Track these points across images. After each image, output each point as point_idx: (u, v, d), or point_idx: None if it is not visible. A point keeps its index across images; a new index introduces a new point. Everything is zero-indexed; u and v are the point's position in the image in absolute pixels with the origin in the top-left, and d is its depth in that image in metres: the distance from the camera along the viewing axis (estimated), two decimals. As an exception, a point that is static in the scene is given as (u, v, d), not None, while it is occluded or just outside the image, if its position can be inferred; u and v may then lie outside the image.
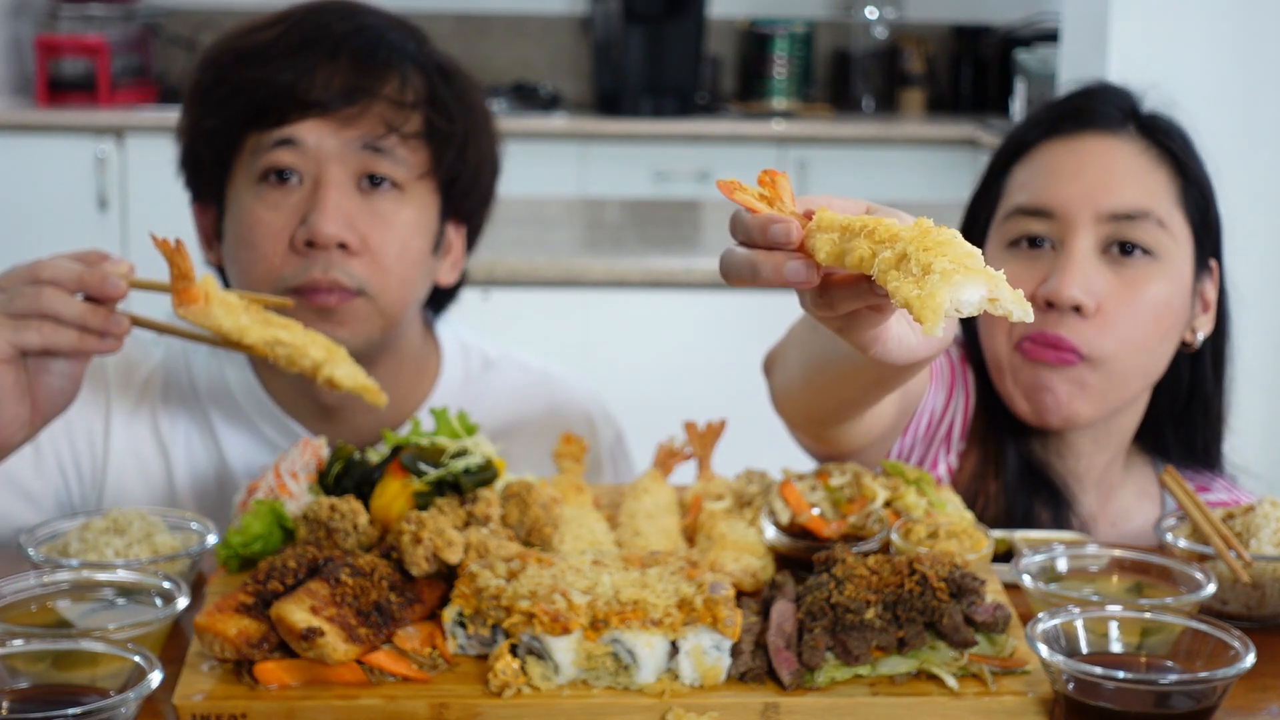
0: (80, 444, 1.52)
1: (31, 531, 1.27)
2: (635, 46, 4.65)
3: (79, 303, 1.20)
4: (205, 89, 1.50)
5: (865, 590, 1.09)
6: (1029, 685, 1.08)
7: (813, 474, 1.33)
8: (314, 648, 1.05)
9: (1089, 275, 1.43)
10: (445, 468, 1.24)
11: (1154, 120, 1.51)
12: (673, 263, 2.76)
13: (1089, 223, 1.45)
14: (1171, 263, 1.47)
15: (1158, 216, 1.45)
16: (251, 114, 1.46)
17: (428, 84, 1.49)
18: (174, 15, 4.98)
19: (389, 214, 1.46)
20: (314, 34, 1.47)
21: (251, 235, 1.46)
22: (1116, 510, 1.57)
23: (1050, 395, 1.45)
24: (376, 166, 1.46)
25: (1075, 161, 1.48)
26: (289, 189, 1.45)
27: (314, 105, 1.44)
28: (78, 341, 1.20)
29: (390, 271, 1.46)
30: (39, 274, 1.20)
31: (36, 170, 4.31)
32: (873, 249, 0.86)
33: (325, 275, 1.43)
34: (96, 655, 1.05)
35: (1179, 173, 1.49)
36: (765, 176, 0.94)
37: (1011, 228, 1.49)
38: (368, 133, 1.45)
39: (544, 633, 1.05)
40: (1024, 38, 4.69)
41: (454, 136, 1.50)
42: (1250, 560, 1.23)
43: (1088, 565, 1.25)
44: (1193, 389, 1.56)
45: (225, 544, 1.23)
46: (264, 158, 1.45)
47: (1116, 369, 1.45)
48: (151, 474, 1.53)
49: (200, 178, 1.53)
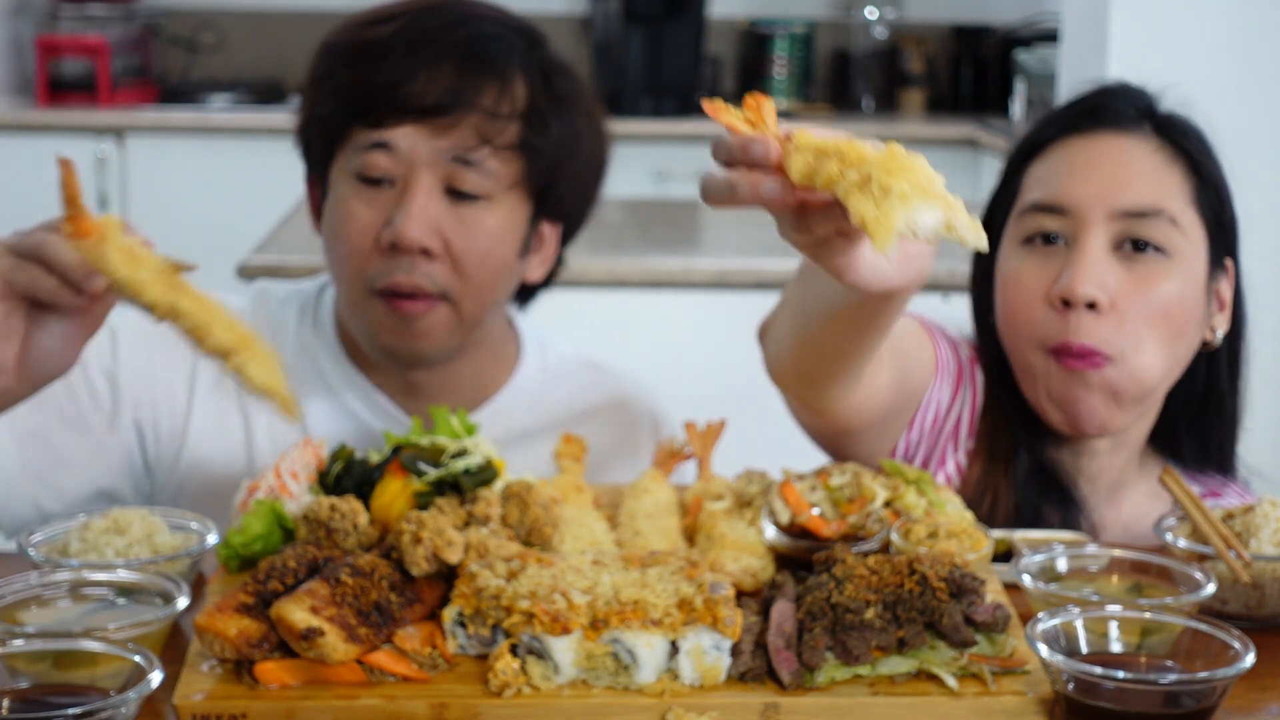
0: (161, 404, 1.54)
1: (32, 531, 1.27)
2: (635, 46, 4.65)
3: (71, 255, 1.16)
4: (319, 77, 1.52)
5: (865, 590, 1.09)
6: (1029, 685, 1.08)
7: (813, 474, 1.33)
8: (314, 647, 1.05)
9: (1101, 271, 1.44)
10: (445, 468, 1.24)
11: (1170, 120, 1.52)
12: (673, 263, 2.76)
13: (1101, 220, 1.45)
14: (1184, 261, 1.47)
15: (1170, 215, 1.46)
16: (355, 110, 1.48)
17: (529, 92, 1.49)
18: (174, 15, 4.98)
19: (474, 222, 1.47)
20: (423, 35, 1.48)
21: (344, 228, 1.49)
22: (1130, 512, 1.57)
23: (1085, 405, 1.46)
24: (464, 180, 1.47)
25: (1089, 158, 1.48)
26: (382, 192, 1.48)
27: (411, 111, 1.45)
28: (55, 290, 1.16)
29: (471, 279, 1.48)
30: (52, 222, 1.19)
31: (36, 170, 4.30)
32: (841, 170, 0.88)
33: (408, 279, 1.46)
34: (96, 655, 1.04)
35: (1193, 172, 1.49)
36: (751, 100, 0.96)
37: (1026, 224, 1.50)
38: (459, 144, 1.46)
39: (544, 633, 1.05)
40: (1024, 38, 4.68)
41: (549, 147, 1.50)
42: (1250, 560, 1.24)
43: (1087, 565, 1.25)
44: (1207, 389, 1.55)
45: (225, 544, 1.23)
46: (361, 158, 1.48)
47: (1141, 370, 1.45)
48: (232, 440, 1.55)
49: (311, 156, 1.56)
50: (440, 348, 1.51)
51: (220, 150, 4.33)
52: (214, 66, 5.01)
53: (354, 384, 1.57)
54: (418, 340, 1.49)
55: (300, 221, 3.09)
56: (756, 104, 0.96)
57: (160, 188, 4.29)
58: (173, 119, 4.38)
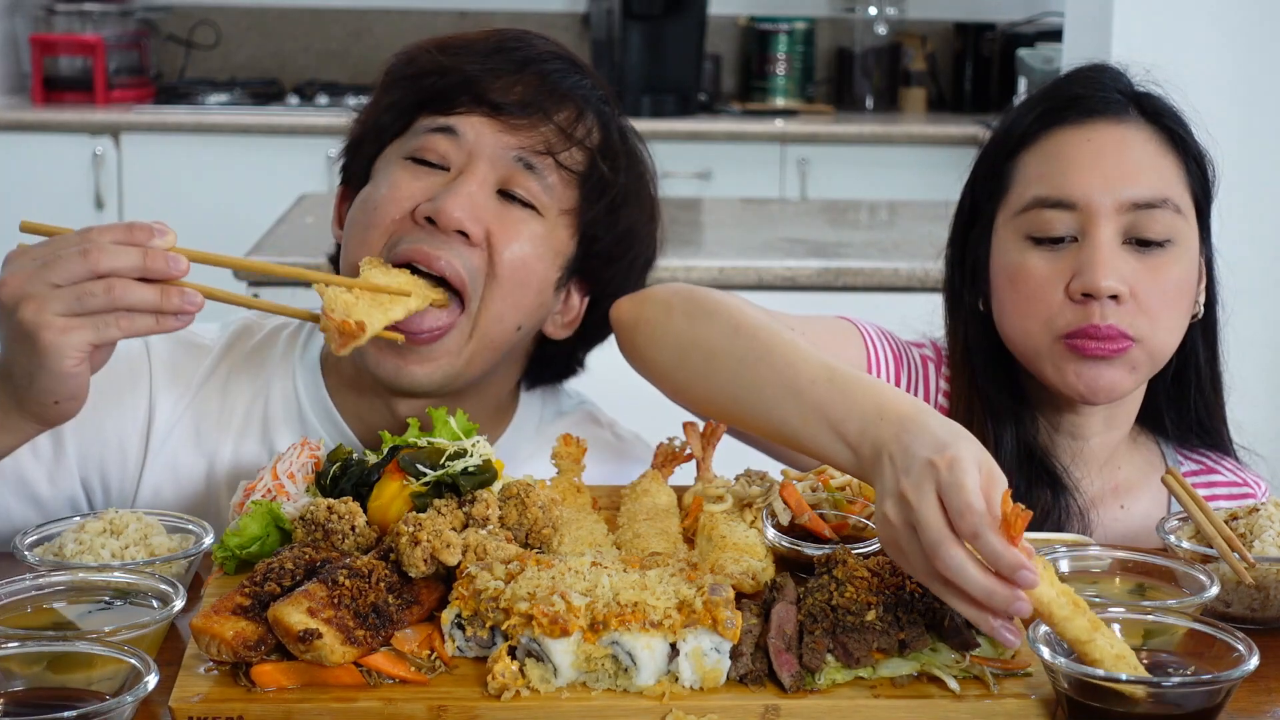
0: (111, 457, 1.47)
1: (27, 533, 1.26)
2: (635, 44, 4.64)
3: (150, 289, 1.19)
4: (395, 73, 1.49)
5: (866, 592, 1.09)
6: (1031, 687, 1.08)
7: (813, 475, 1.33)
8: (311, 650, 1.04)
9: (1118, 264, 1.46)
10: (443, 469, 1.24)
11: (1153, 102, 1.54)
12: (673, 263, 2.75)
13: (1110, 212, 1.46)
14: (1186, 246, 1.50)
15: (1174, 203, 1.48)
16: (427, 97, 1.44)
17: (603, 134, 1.47)
18: (171, 13, 4.97)
19: (519, 223, 1.42)
20: (513, 43, 1.47)
21: (379, 198, 1.42)
22: (1124, 486, 1.59)
23: (1105, 380, 1.48)
24: (522, 182, 1.42)
25: (1091, 150, 1.49)
26: (432, 173, 1.43)
27: (487, 102, 1.42)
28: (156, 325, 1.19)
29: (500, 279, 1.40)
30: (97, 266, 1.17)
31: (33, 169, 4.30)
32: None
33: (435, 249, 1.37)
34: (93, 657, 1.04)
35: (1184, 155, 1.52)
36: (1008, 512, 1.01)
37: (1030, 221, 1.49)
38: (528, 145, 1.42)
39: (543, 635, 1.05)
40: (1026, 36, 4.68)
41: (610, 190, 1.46)
42: (1254, 562, 1.23)
43: (1090, 566, 1.24)
44: (1184, 358, 1.59)
45: (222, 545, 1.22)
46: (422, 139, 1.43)
47: (1157, 348, 1.49)
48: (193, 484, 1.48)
49: (357, 158, 1.50)
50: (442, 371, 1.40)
51: (217, 149, 4.33)
52: (211, 65, 5.01)
53: (339, 433, 1.48)
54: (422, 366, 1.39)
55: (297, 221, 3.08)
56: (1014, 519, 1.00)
57: (157, 187, 4.28)
58: (169, 118, 4.37)
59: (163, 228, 1.20)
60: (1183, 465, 1.62)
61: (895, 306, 2.67)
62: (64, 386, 1.21)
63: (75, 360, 1.19)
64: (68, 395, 1.22)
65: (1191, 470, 1.62)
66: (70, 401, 1.23)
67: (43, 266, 1.18)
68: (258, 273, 1.30)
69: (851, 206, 3.83)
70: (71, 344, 1.18)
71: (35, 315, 1.17)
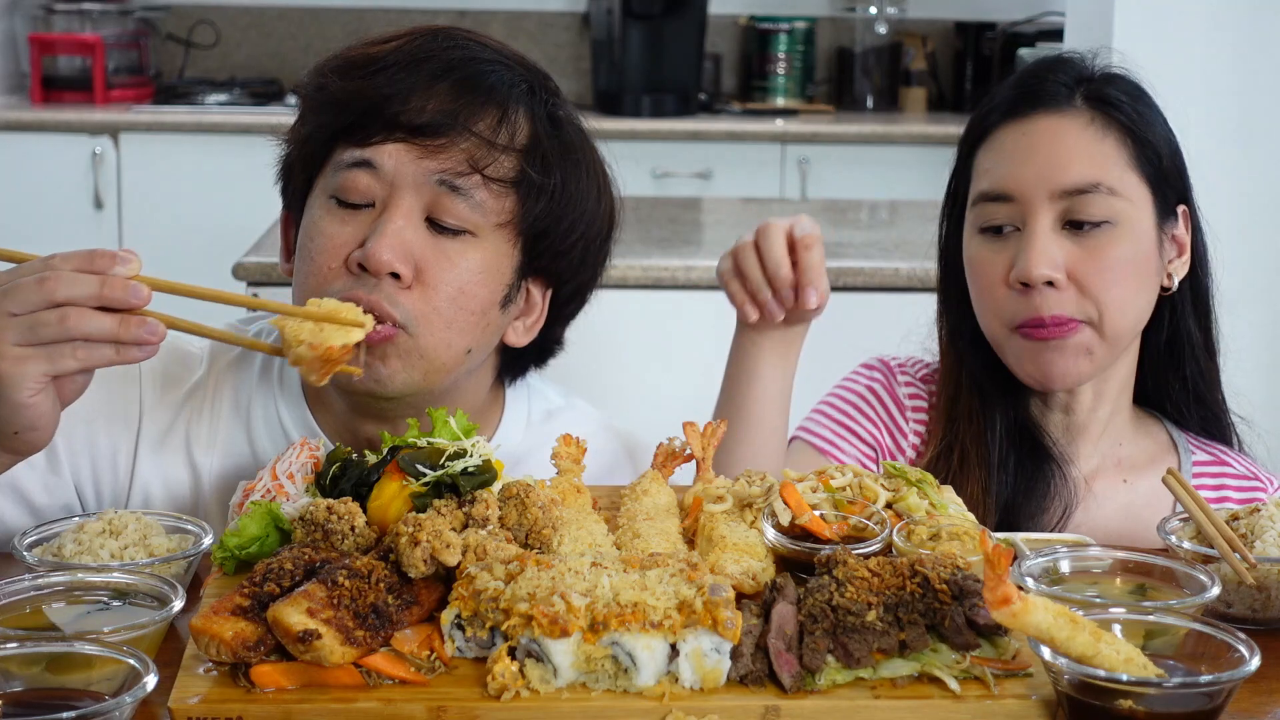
0: (103, 466, 1.47)
1: (26, 533, 1.26)
2: (635, 44, 4.64)
3: (107, 318, 1.16)
4: (309, 96, 1.46)
5: (867, 592, 1.08)
6: (1031, 688, 1.08)
7: (814, 475, 1.33)
8: (311, 650, 1.04)
9: (1052, 252, 1.52)
10: (443, 469, 1.23)
11: (1102, 86, 1.57)
12: (673, 263, 2.75)
13: (1044, 201, 1.54)
14: (1130, 224, 1.54)
15: (1108, 186, 1.53)
16: (342, 126, 1.40)
17: (531, 130, 1.41)
18: (170, 13, 4.97)
19: (454, 253, 1.39)
20: (422, 55, 1.41)
21: (311, 247, 1.41)
22: (1128, 462, 1.64)
23: (1058, 367, 1.55)
24: (448, 209, 1.38)
25: (1028, 143, 1.56)
26: (359, 214, 1.40)
27: (400, 128, 1.38)
28: (115, 356, 1.17)
29: (439, 312, 1.38)
30: (53, 295, 1.14)
31: (32, 169, 4.30)
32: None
33: (369, 295, 1.35)
34: (91, 658, 1.04)
35: (1128, 135, 1.56)
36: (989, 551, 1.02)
37: (979, 214, 1.59)
38: (449, 167, 1.37)
39: (543, 635, 1.04)
40: (1027, 35, 4.68)
41: (547, 189, 1.41)
42: (1255, 562, 1.23)
43: (1091, 567, 1.24)
44: (1173, 331, 1.63)
45: (221, 546, 1.22)
46: (341, 176, 1.40)
47: (1109, 328, 1.54)
48: (179, 496, 1.48)
49: (290, 186, 1.48)
50: (398, 378, 1.39)
51: (216, 149, 4.32)
52: (210, 64, 5.01)
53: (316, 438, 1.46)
54: (377, 366, 1.38)
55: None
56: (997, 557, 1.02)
57: (156, 187, 4.28)
58: (168, 117, 4.37)
59: (127, 255, 1.17)
60: (1194, 454, 1.65)
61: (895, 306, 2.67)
62: (20, 417, 1.18)
63: (30, 391, 1.16)
64: (26, 425, 1.19)
65: (1203, 460, 1.66)
66: (31, 432, 1.19)
67: (0, 295, 1.16)
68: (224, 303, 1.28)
69: (852, 206, 3.83)
70: (25, 374, 1.15)
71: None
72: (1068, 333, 1.52)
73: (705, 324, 2.77)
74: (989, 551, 1.01)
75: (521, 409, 1.58)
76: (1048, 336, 1.53)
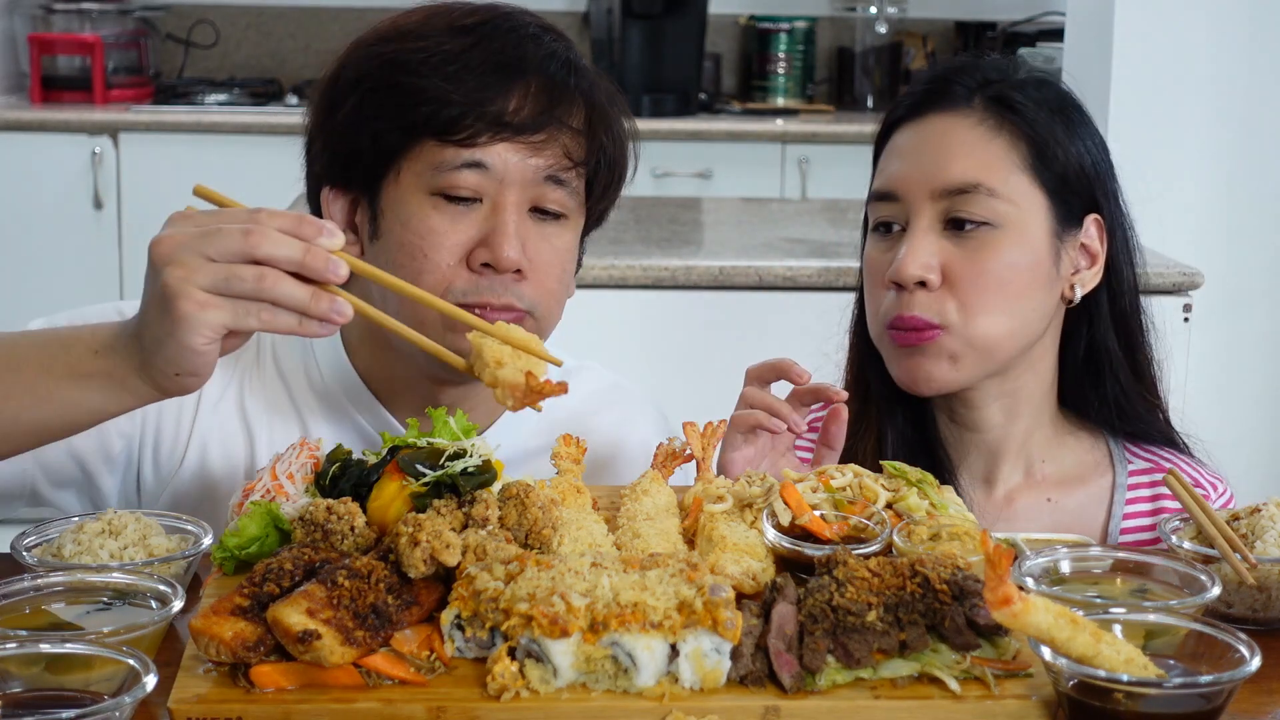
0: (167, 417, 1.50)
1: (26, 533, 1.26)
2: (634, 43, 4.64)
3: (302, 288, 1.13)
4: (373, 87, 1.44)
5: (867, 592, 1.08)
6: (1032, 688, 1.07)
7: (814, 475, 1.33)
8: (310, 650, 1.04)
9: (928, 252, 1.51)
10: (443, 469, 1.23)
11: (1006, 89, 1.55)
12: (673, 263, 2.75)
13: (925, 200, 1.52)
14: (1016, 228, 1.52)
15: (989, 187, 1.51)
16: (437, 125, 1.42)
17: (599, 111, 1.48)
18: (169, 12, 4.97)
19: (554, 238, 1.46)
20: (508, 53, 1.44)
21: (424, 245, 1.43)
22: (1053, 479, 1.60)
23: (922, 371, 1.53)
24: (553, 197, 1.45)
25: (917, 142, 1.56)
26: (468, 206, 1.44)
27: (505, 127, 1.42)
28: (296, 326, 1.15)
29: (552, 294, 1.47)
30: (255, 250, 1.12)
31: (31, 169, 4.30)
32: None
33: (499, 300, 1.42)
34: (91, 659, 1.04)
35: (1023, 138, 1.53)
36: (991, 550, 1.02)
37: (871, 212, 1.59)
38: (553, 162, 1.44)
39: (542, 635, 1.04)
40: (1027, 35, 4.68)
41: (614, 165, 1.50)
42: (1255, 562, 1.23)
43: (1091, 567, 1.24)
44: (1091, 345, 1.60)
45: (221, 546, 1.22)
46: (448, 176, 1.42)
47: (978, 334, 1.51)
48: (233, 459, 1.52)
49: (352, 169, 1.48)
50: None
51: (216, 149, 4.32)
52: (209, 64, 5.01)
53: (363, 402, 1.53)
54: None
55: (298, 220, 3.07)
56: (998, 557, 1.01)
57: (155, 186, 4.28)
58: (168, 117, 4.37)
59: (333, 229, 1.15)
60: (1131, 463, 1.62)
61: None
62: (188, 361, 1.15)
63: (206, 339, 1.13)
64: (190, 370, 1.16)
65: (1140, 469, 1.62)
66: (192, 378, 1.17)
67: (201, 235, 1.13)
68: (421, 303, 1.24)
69: (852, 206, 3.83)
70: (207, 321, 1.13)
71: (179, 283, 1.12)
72: (925, 339, 1.50)
73: (705, 324, 2.78)
74: (990, 552, 1.01)
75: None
76: (906, 341, 1.51)
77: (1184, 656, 1.09)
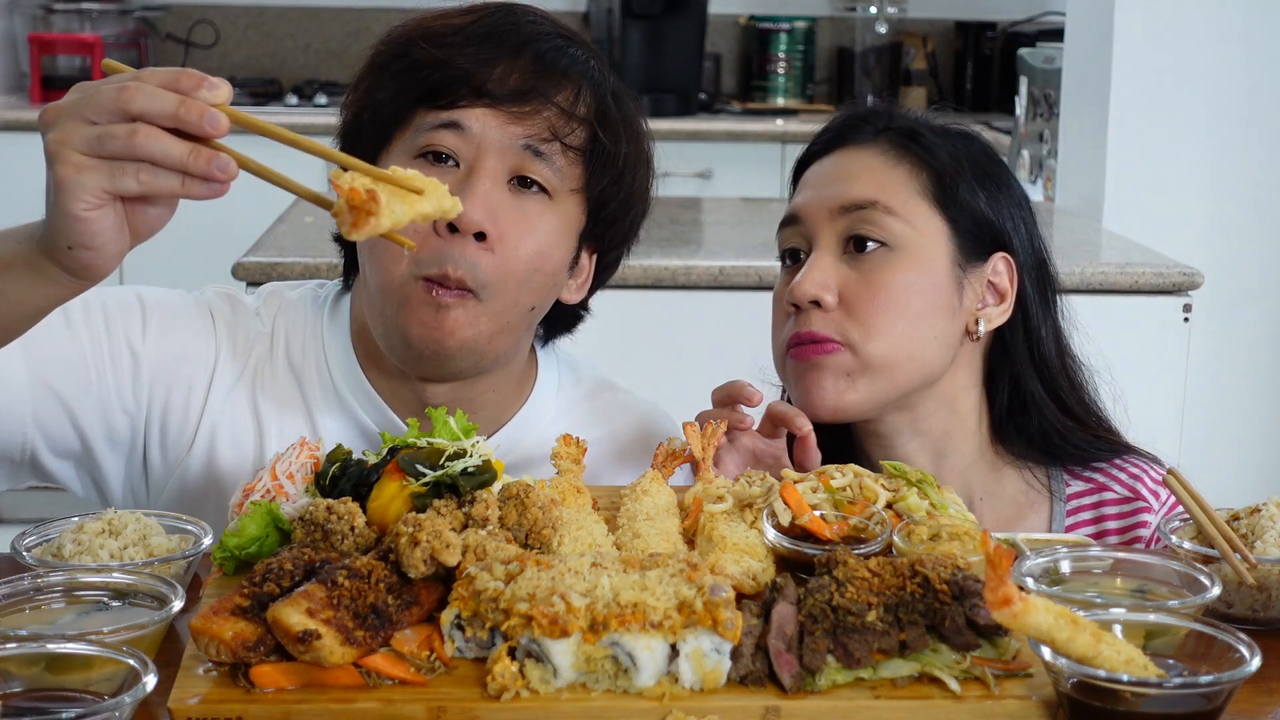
0: (175, 401, 1.51)
1: (26, 533, 1.26)
2: (635, 44, 4.64)
3: (179, 144, 1.06)
4: (383, 64, 1.49)
5: (867, 593, 1.08)
6: (1032, 688, 1.07)
7: (814, 475, 1.33)
8: (310, 650, 1.04)
9: (824, 274, 1.52)
10: (443, 469, 1.23)
11: (916, 128, 1.58)
12: (673, 263, 2.75)
13: (825, 220, 1.54)
14: (913, 251, 1.53)
15: (885, 204, 1.52)
16: (425, 91, 1.44)
17: (600, 103, 1.49)
18: (169, 12, 4.97)
19: (533, 215, 1.45)
20: (502, 28, 1.47)
21: None
22: (989, 516, 1.58)
23: (819, 390, 1.52)
24: (532, 168, 1.45)
25: (820, 173, 1.59)
26: (444, 170, 1.44)
27: (486, 94, 1.43)
28: (179, 188, 1.08)
29: (515, 274, 1.44)
30: (128, 106, 1.06)
31: (31, 168, 4.28)
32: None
33: (455, 272, 1.41)
34: (91, 659, 1.04)
35: (925, 168, 1.55)
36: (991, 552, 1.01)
37: (779, 243, 1.61)
38: (533, 134, 1.44)
39: (542, 635, 1.04)
40: (1027, 35, 4.68)
41: (615, 159, 1.49)
42: (1256, 562, 1.23)
43: (1091, 567, 1.24)
44: (1014, 386, 1.60)
45: (221, 546, 1.22)
46: (426, 136, 1.44)
47: (874, 353, 1.51)
48: (242, 447, 1.53)
49: (357, 149, 1.49)
50: (465, 346, 1.44)
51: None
52: (209, 64, 5.00)
53: (368, 401, 1.54)
54: (445, 336, 1.43)
55: (296, 221, 3.08)
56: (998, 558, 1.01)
57: (157, 186, 4.27)
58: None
59: (217, 82, 1.09)
60: (1070, 486, 1.61)
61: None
62: (73, 230, 1.09)
63: (86, 205, 1.08)
64: (80, 242, 1.10)
65: (1080, 491, 1.61)
66: (84, 251, 1.11)
67: (83, 98, 1.08)
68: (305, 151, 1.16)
69: (851, 206, 3.82)
70: (83, 185, 1.07)
71: (56, 147, 1.08)
72: (824, 352, 1.50)
73: (705, 324, 2.78)
74: (990, 552, 1.01)
75: (553, 375, 1.64)
76: (804, 355, 1.51)
77: (1184, 656, 1.09)
